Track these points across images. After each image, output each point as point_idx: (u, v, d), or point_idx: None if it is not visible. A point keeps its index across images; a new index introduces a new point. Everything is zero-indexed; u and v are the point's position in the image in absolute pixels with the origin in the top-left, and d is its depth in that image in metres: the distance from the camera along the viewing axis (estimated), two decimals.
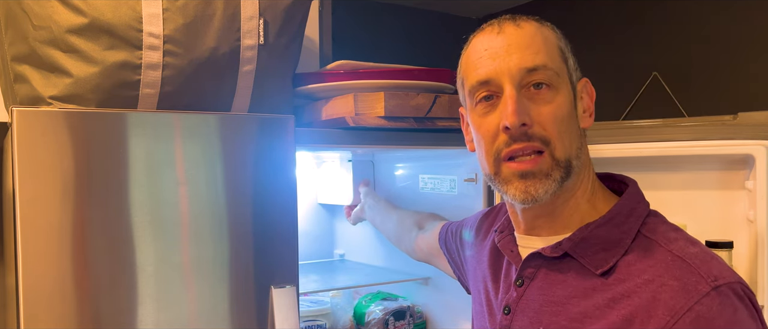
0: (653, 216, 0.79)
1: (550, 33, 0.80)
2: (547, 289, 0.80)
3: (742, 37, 1.82)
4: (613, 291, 0.73)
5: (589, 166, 0.82)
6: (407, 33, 2.53)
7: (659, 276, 0.70)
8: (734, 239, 1.22)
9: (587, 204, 0.81)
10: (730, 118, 1.30)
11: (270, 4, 1.08)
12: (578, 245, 0.77)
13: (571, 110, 0.79)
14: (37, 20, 0.94)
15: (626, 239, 0.76)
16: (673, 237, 0.75)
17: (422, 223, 1.31)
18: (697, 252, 0.72)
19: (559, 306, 0.77)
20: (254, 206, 1.02)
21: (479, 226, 1.02)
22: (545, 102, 0.76)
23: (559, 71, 0.78)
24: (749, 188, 1.20)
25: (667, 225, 0.78)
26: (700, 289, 0.68)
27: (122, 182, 0.92)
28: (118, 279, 0.92)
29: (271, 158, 1.03)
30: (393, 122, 1.15)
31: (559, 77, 0.78)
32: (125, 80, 0.98)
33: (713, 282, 0.68)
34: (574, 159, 0.78)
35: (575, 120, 0.80)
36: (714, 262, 0.71)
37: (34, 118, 0.87)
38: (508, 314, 0.84)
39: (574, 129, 0.79)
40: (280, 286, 1.04)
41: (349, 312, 1.61)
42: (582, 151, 0.80)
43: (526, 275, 0.82)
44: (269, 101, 1.12)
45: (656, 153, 1.28)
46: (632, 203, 0.79)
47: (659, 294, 0.69)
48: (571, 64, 0.81)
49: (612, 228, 0.77)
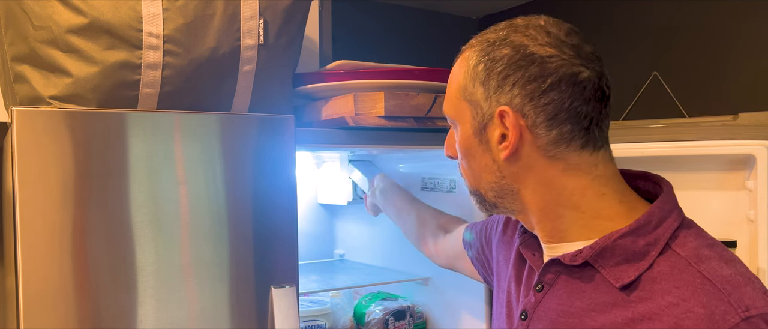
0: (686, 228, 0.72)
1: (458, 69, 0.79)
2: (565, 298, 0.76)
3: (742, 38, 1.82)
4: (634, 309, 0.68)
5: (564, 195, 0.76)
6: (407, 33, 2.52)
7: (685, 301, 0.65)
8: (735, 239, 1.22)
9: (615, 213, 0.74)
10: (730, 118, 1.30)
11: (270, 4, 1.08)
12: (599, 254, 0.72)
13: (474, 144, 0.78)
14: (37, 20, 0.94)
15: (652, 251, 0.70)
16: (706, 256, 0.68)
17: (448, 226, 1.25)
18: (730, 275, 0.66)
19: (576, 317, 0.73)
20: (254, 206, 1.02)
21: (506, 223, 0.97)
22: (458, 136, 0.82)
23: (455, 115, 0.80)
24: (750, 188, 1.20)
25: (701, 240, 0.71)
26: (728, 319, 0.62)
27: (122, 182, 0.92)
28: (118, 279, 0.92)
29: (271, 158, 1.03)
30: (393, 122, 1.14)
31: (459, 116, 0.80)
32: (125, 80, 0.98)
33: (745, 312, 0.63)
34: (487, 192, 0.80)
35: (482, 153, 0.78)
36: (748, 288, 0.65)
37: (34, 118, 0.87)
38: (524, 319, 0.80)
39: (483, 162, 0.78)
40: (280, 286, 1.04)
41: (349, 312, 1.61)
42: (501, 183, 0.77)
43: (545, 280, 0.79)
44: (269, 101, 1.12)
45: (657, 153, 1.28)
46: (663, 212, 0.72)
47: (683, 321, 0.64)
48: (480, 96, 0.75)
49: (637, 239, 0.71)
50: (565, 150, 0.73)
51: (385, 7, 2.44)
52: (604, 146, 0.76)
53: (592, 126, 0.73)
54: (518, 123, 0.73)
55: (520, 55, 0.72)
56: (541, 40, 0.72)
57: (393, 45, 2.46)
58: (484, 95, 0.75)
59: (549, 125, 0.72)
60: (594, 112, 0.73)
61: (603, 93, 0.73)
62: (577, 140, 0.73)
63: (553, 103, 0.71)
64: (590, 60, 0.72)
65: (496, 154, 0.76)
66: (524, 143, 0.74)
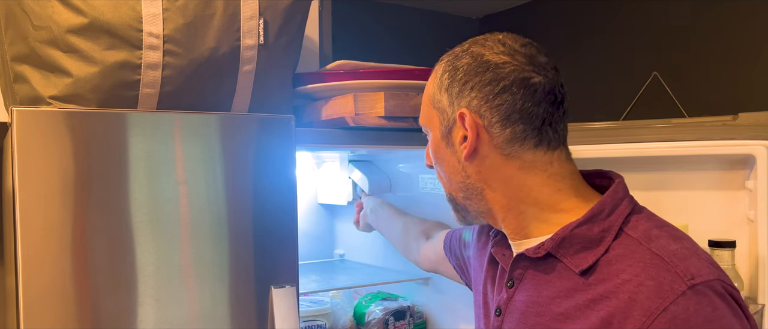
0: (637, 213, 0.78)
1: (430, 82, 0.87)
2: (533, 290, 0.80)
3: (741, 38, 1.82)
4: (593, 291, 0.73)
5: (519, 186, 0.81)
6: (407, 33, 2.52)
7: (636, 276, 0.70)
8: (735, 239, 1.22)
9: (566, 203, 0.80)
10: (730, 118, 1.30)
11: (270, 4, 1.08)
12: (560, 244, 0.77)
13: (442, 147, 0.85)
14: (37, 20, 0.94)
15: (607, 237, 0.75)
16: (655, 235, 0.74)
17: (429, 232, 1.30)
18: (677, 250, 0.71)
19: (543, 306, 0.78)
20: (254, 206, 1.02)
21: (481, 230, 1.03)
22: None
23: (427, 123, 0.88)
24: (750, 188, 1.20)
25: (651, 222, 0.77)
26: (675, 288, 0.67)
27: (122, 182, 0.92)
28: (118, 279, 0.92)
29: (271, 158, 1.03)
30: (393, 122, 1.15)
31: (430, 123, 0.87)
32: (125, 80, 0.98)
33: (690, 281, 0.68)
34: (457, 193, 0.86)
35: (449, 155, 0.84)
36: (693, 259, 0.70)
37: (34, 118, 0.87)
38: (498, 316, 0.85)
39: (451, 164, 0.85)
40: (280, 286, 1.04)
41: (349, 312, 1.61)
42: (467, 183, 0.84)
43: (515, 276, 0.83)
44: (269, 101, 1.12)
45: (657, 153, 1.28)
46: (614, 201, 0.78)
47: (636, 294, 0.69)
48: (445, 102, 0.83)
49: (592, 226, 0.76)
50: (519, 148, 0.79)
51: (385, 7, 2.44)
52: (560, 146, 0.81)
53: (545, 126, 0.79)
54: (476, 123, 0.80)
55: (478, 62, 0.80)
56: (496, 50, 0.80)
57: (393, 45, 2.46)
58: (448, 100, 0.82)
59: (503, 124, 0.79)
60: (545, 114, 0.79)
61: (555, 97, 0.79)
62: (530, 139, 0.79)
63: (506, 104, 0.78)
64: (543, 68, 0.79)
65: (459, 154, 0.82)
66: (482, 142, 0.80)
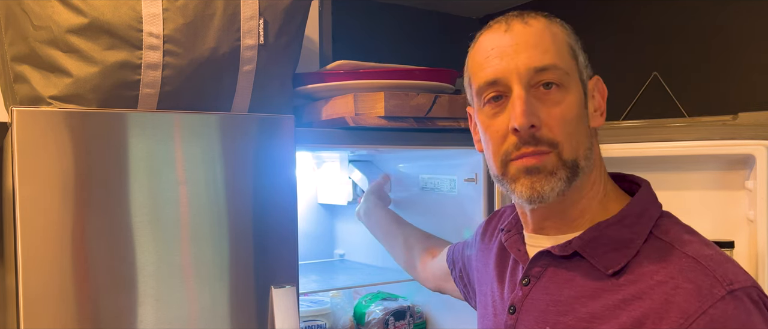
0: (666, 218, 0.77)
1: (559, 30, 0.78)
2: (553, 289, 0.78)
3: (741, 37, 1.82)
4: (623, 292, 0.72)
5: (600, 166, 0.81)
6: (407, 33, 2.52)
7: (672, 278, 0.69)
8: (734, 239, 1.22)
9: (598, 205, 0.79)
10: (730, 118, 1.30)
11: (270, 4, 1.08)
12: (588, 244, 0.76)
13: (581, 111, 0.78)
14: (37, 20, 0.94)
15: (637, 240, 0.74)
16: (687, 240, 0.73)
17: (434, 251, 1.24)
18: (713, 255, 0.71)
19: (567, 306, 0.76)
20: (254, 206, 1.02)
21: (484, 230, 1.01)
22: (555, 103, 0.75)
23: (568, 70, 0.76)
24: (749, 188, 1.20)
25: (680, 227, 0.76)
26: (715, 293, 0.66)
27: (122, 182, 0.92)
28: (118, 279, 0.92)
29: (271, 158, 1.03)
30: (393, 122, 1.14)
31: (568, 76, 0.76)
32: (125, 80, 0.98)
33: (729, 286, 0.67)
34: (582, 160, 0.77)
35: (585, 120, 0.78)
36: (729, 265, 0.70)
37: (34, 118, 0.87)
38: (513, 313, 0.82)
39: (583, 130, 0.78)
40: (280, 286, 1.04)
41: (349, 312, 1.61)
42: (592, 151, 0.79)
43: (532, 274, 0.81)
44: (269, 101, 1.12)
45: (657, 153, 1.28)
46: (644, 204, 0.77)
47: (673, 296, 0.68)
48: (581, 62, 0.79)
49: (622, 229, 0.75)
50: None
51: (385, 7, 2.43)
52: None
53: None
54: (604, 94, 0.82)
55: (575, 38, 0.80)
56: None
57: (393, 45, 2.46)
58: (585, 62, 0.80)
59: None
60: None
61: None
62: None
63: None
64: None
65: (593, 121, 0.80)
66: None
